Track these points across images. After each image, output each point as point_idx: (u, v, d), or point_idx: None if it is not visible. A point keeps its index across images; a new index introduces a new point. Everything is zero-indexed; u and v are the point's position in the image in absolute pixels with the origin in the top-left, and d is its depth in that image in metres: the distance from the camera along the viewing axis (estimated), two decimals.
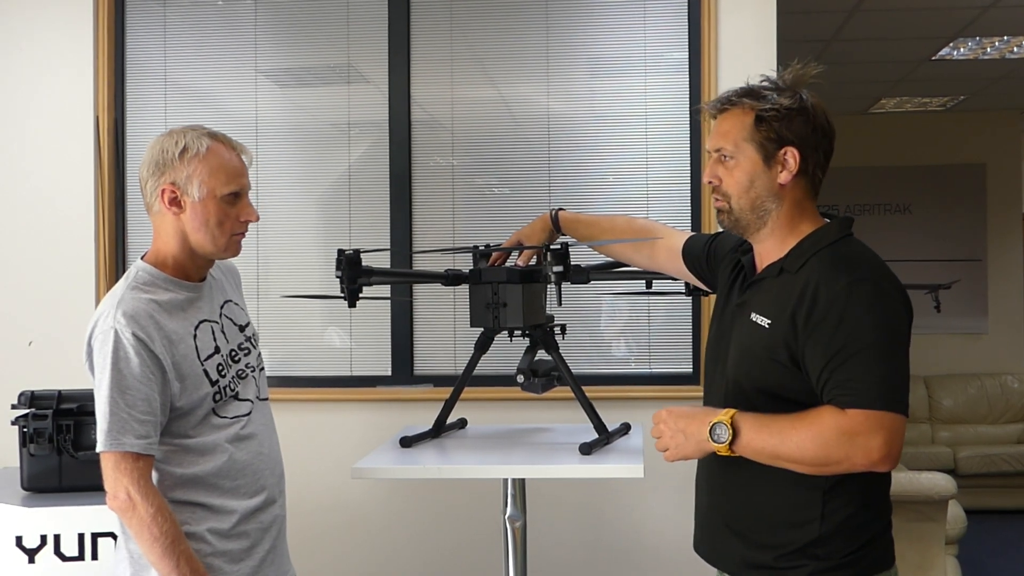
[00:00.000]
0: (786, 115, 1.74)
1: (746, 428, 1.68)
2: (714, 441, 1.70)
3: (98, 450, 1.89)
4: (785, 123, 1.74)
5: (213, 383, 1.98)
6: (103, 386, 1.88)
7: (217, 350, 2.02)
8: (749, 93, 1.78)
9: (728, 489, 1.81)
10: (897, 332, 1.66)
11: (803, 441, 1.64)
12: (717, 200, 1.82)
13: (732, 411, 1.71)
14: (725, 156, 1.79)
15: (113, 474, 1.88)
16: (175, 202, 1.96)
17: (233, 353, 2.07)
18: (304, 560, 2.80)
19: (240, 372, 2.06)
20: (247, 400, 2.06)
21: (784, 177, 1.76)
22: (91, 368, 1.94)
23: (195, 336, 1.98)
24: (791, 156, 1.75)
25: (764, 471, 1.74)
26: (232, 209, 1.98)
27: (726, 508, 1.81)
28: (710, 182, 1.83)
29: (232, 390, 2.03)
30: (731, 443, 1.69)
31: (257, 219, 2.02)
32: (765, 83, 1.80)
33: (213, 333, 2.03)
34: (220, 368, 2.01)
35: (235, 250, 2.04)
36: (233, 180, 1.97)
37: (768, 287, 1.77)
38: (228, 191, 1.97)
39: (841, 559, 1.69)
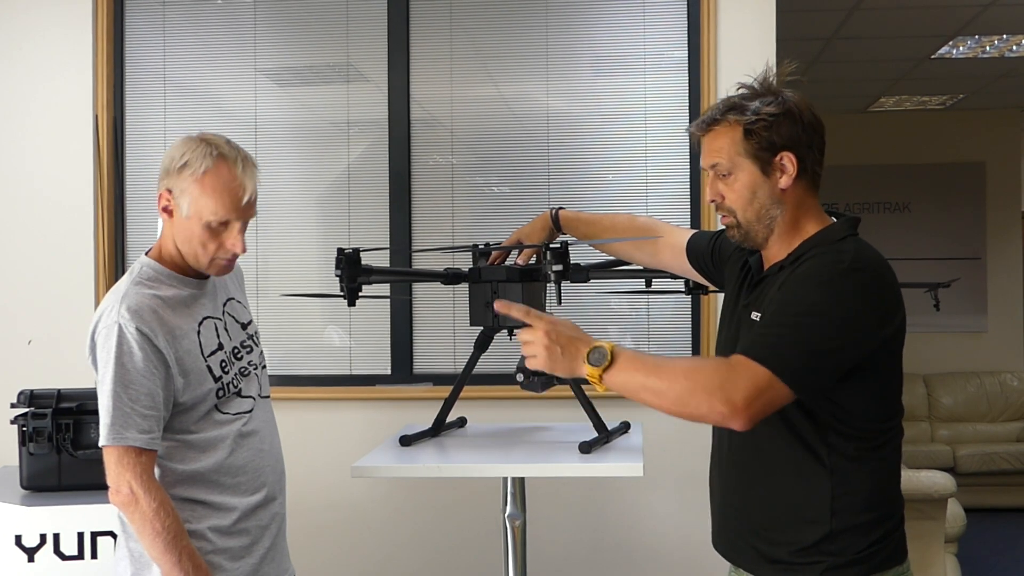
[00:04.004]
0: (773, 122, 1.73)
1: (623, 358, 1.65)
2: (590, 364, 1.65)
3: (100, 444, 1.89)
4: (774, 130, 1.73)
5: (216, 379, 1.98)
6: (106, 380, 1.88)
7: (220, 347, 2.02)
8: (732, 107, 1.77)
9: (740, 486, 1.81)
10: (840, 318, 1.63)
11: (675, 374, 1.62)
12: (724, 217, 1.82)
13: (614, 343, 1.68)
14: (722, 173, 1.79)
15: (116, 468, 1.88)
16: (167, 209, 1.96)
17: (236, 350, 2.07)
18: (304, 558, 2.79)
19: (243, 369, 2.06)
20: (249, 397, 2.06)
21: (785, 182, 1.75)
22: (94, 363, 1.94)
23: (199, 332, 1.98)
24: (788, 161, 1.75)
25: (773, 467, 1.74)
26: (217, 236, 1.94)
27: (739, 505, 1.82)
28: (713, 200, 1.82)
29: (235, 387, 2.03)
30: (605, 370, 1.64)
31: (242, 251, 1.98)
32: (743, 91, 1.80)
33: (216, 330, 2.03)
34: (223, 364, 2.01)
35: (217, 271, 2.01)
36: (223, 209, 1.92)
37: (768, 285, 1.78)
38: (215, 219, 1.92)
39: (854, 555, 1.70)
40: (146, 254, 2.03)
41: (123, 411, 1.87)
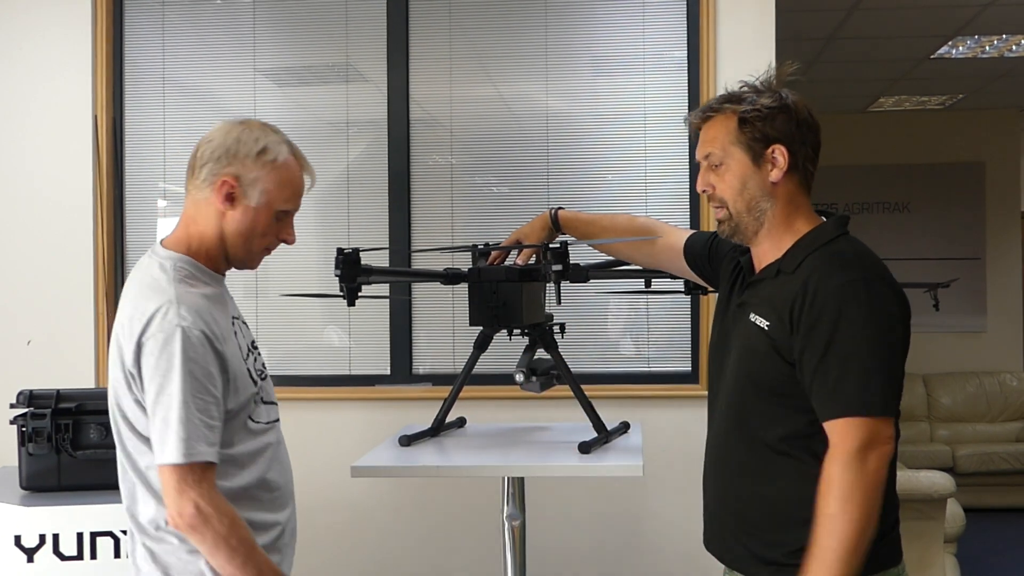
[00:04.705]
0: (768, 114, 1.76)
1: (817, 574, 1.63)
2: None
3: (167, 462, 1.69)
4: (768, 122, 1.76)
5: (255, 383, 1.86)
6: (172, 391, 1.69)
7: (249, 349, 1.90)
8: (729, 98, 1.81)
9: (736, 487, 1.81)
10: (889, 332, 1.66)
11: (844, 514, 1.61)
12: (717, 209, 1.84)
13: None
14: (715, 163, 1.81)
15: (179, 488, 1.68)
16: (230, 197, 1.82)
17: (250, 352, 1.95)
18: (303, 558, 2.78)
19: (260, 372, 1.93)
20: (272, 403, 1.94)
21: (775, 175, 1.77)
22: (139, 371, 1.74)
23: (235, 332, 1.86)
24: (779, 153, 1.77)
25: (770, 468, 1.75)
26: (277, 225, 1.87)
27: (735, 506, 1.82)
28: (704, 191, 1.85)
29: (260, 393, 1.89)
30: None
31: (294, 241, 1.92)
32: (744, 88, 1.82)
33: (242, 331, 1.92)
34: (256, 368, 1.90)
35: (256, 263, 1.92)
36: (292, 199, 1.87)
37: (766, 288, 1.78)
38: (284, 208, 1.86)
39: None
40: (163, 244, 1.86)
41: (193, 423, 1.69)
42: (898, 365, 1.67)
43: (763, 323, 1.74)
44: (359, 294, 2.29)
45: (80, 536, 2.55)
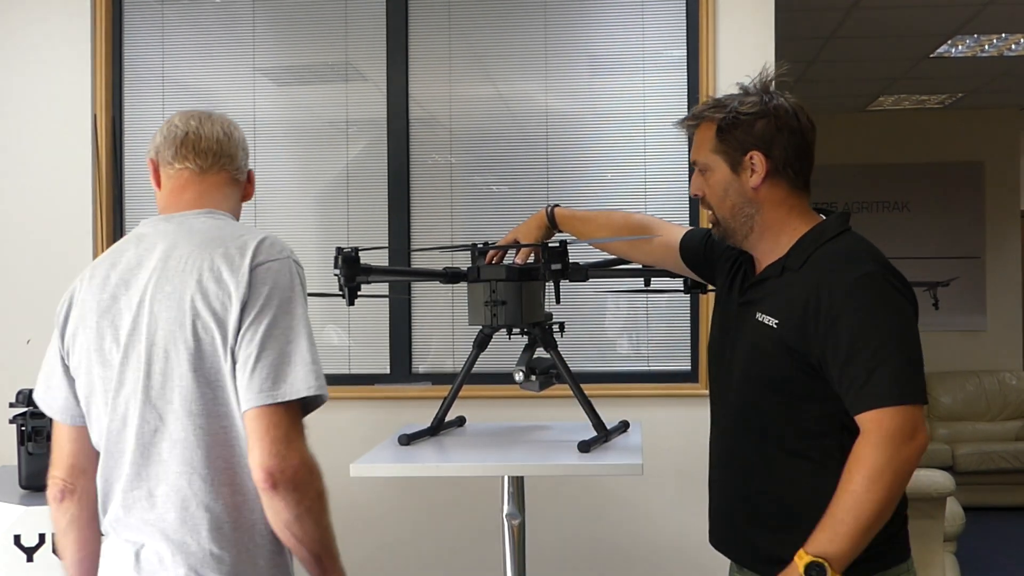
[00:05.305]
0: (746, 121, 1.77)
1: (830, 543, 1.61)
2: None
3: (288, 398, 1.50)
4: (745, 129, 1.77)
5: None
6: (293, 323, 1.55)
7: None
8: (715, 105, 1.82)
9: (749, 486, 1.81)
10: (906, 322, 1.67)
11: (868, 493, 1.59)
12: (710, 213, 1.87)
13: (803, 554, 1.62)
14: (702, 170, 1.84)
15: (288, 435, 1.46)
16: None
17: None
18: None
19: None
20: None
21: (755, 181, 1.78)
22: (247, 298, 1.54)
23: None
24: (757, 160, 1.77)
25: (783, 466, 1.75)
26: None
27: (749, 505, 1.81)
28: (695, 195, 1.88)
29: None
30: (835, 567, 1.60)
31: None
32: (736, 92, 1.83)
33: None
34: None
35: None
36: None
37: (773, 287, 1.78)
38: None
39: (862, 552, 1.70)
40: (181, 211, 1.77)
41: (318, 358, 1.52)
42: (920, 351, 1.68)
43: (772, 321, 1.74)
44: (358, 293, 2.29)
45: None
